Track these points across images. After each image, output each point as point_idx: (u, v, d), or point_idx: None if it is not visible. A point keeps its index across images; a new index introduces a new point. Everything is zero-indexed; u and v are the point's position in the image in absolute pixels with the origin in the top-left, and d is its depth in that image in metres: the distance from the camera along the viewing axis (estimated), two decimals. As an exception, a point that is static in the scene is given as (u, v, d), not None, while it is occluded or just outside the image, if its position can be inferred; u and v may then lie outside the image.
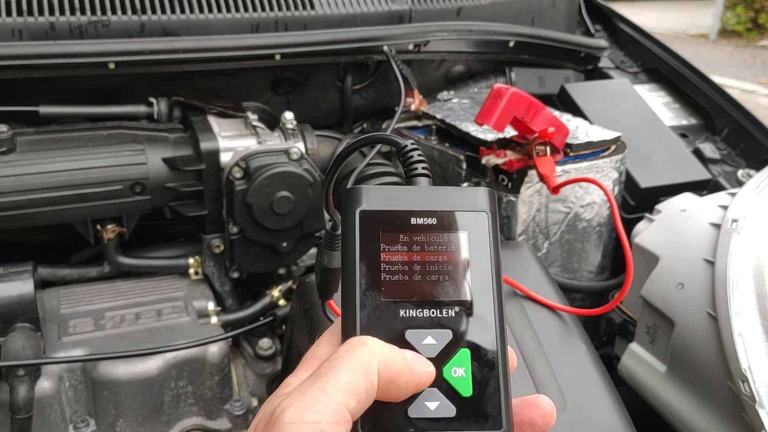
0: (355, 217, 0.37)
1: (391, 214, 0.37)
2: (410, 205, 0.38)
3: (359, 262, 0.36)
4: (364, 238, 0.37)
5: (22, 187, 1.00)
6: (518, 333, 0.81)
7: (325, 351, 0.36)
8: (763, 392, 0.79)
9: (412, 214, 0.37)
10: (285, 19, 1.19)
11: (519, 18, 1.42)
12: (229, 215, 1.10)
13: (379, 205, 0.37)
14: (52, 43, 1.05)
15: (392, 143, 0.41)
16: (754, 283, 0.87)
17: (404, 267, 0.37)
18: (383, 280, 0.36)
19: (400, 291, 0.36)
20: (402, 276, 0.36)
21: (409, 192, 0.38)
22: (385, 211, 0.37)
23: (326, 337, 0.38)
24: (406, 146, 0.41)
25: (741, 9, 8.37)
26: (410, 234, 0.37)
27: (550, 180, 1.00)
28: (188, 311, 1.07)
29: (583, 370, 0.79)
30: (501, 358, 0.36)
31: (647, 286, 1.02)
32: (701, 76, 1.44)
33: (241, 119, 1.17)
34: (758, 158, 1.30)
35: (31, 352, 0.90)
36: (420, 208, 0.38)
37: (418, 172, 0.40)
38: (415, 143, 0.41)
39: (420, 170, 0.40)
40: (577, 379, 0.78)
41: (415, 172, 0.40)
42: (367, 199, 0.37)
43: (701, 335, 0.90)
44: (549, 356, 0.78)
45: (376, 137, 0.43)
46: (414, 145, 0.41)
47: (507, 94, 0.96)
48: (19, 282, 0.93)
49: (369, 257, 0.37)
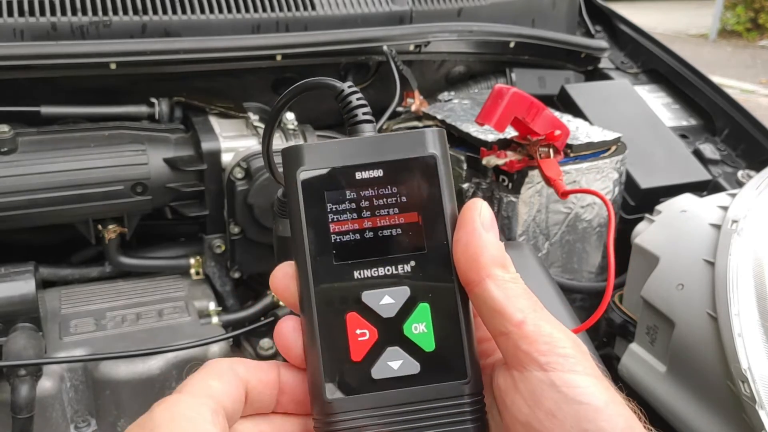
0: (297, 179, 0.35)
1: (334, 171, 0.35)
2: (354, 159, 0.35)
3: (306, 226, 0.35)
4: (309, 201, 0.35)
5: (24, 188, 1.01)
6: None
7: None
8: (763, 392, 0.80)
9: (356, 168, 0.35)
10: (286, 19, 1.19)
11: (519, 19, 1.42)
12: (230, 215, 1.10)
13: (321, 162, 0.35)
14: (54, 43, 1.06)
15: (329, 87, 0.38)
16: (754, 283, 0.87)
17: (354, 226, 0.35)
18: (333, 243, 0.35)
19: (352, 252, 0.35)
20: (353, 235, 0.35)
21: (351, 144, 0.36)
22: (327, 169, 0.35)
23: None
24: (343, 90, 0.38)
25: (741, 9, 8.37)
26: (357, 190, 0.35)
27: (558, 185, 1.00)
28: (189, 311, 1.07)
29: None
30: (461, 306, 0.35)
31: (647, 286, 1.02)
32: (701, 76, 1.44)
33: (242, 120, 1.17)
34: (758, 159, 1.31)
35: (32, 352, 0.90)
36: (364, 161, 0.35)
37: (359, 118, 0.38)
38: (353, 85, 0.38)
39: (361, 116, 0.38)
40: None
41: (356, 119, 0.38)
42: (308, 158, 0.35)
43: (701, 336, 0.90)
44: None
45: (311, 83, 0.39)
46: (352, 88, 0.38)
47: (508, 95, 0.97)
48: (21, 282, 0.94)
49: (316, 220, 0.35)
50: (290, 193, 0.35)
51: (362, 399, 0.34)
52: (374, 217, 0.35)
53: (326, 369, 0.34)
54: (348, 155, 0.36)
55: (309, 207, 0.35)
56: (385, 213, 0.35)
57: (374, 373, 0.34)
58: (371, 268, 0.35)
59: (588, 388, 0.32)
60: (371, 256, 0.35)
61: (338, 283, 0.35)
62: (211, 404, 0.32)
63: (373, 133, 0.37)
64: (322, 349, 0.34)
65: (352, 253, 0.35)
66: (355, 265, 0.35)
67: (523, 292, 0.35)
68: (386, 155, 0.35)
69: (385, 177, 0.35)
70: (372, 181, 0.35)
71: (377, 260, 0.35)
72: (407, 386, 0.34)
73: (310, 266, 0.35)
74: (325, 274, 0.35)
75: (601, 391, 0.32)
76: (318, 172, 0.35)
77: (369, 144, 0.36)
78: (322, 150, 0.36)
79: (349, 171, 0.35)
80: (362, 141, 0.36)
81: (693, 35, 8.51)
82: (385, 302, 0.35)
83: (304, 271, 0.35)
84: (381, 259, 0.35)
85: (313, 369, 0.35)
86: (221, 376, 0.34)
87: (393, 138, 0.36)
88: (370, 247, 0.35)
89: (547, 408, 0.32)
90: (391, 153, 0.36)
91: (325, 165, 0.35)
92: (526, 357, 0.33)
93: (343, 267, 0.35)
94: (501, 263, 0.35)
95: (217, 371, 0.34)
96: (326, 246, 0.35)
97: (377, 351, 0.35)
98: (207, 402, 0.32)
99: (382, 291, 0.35)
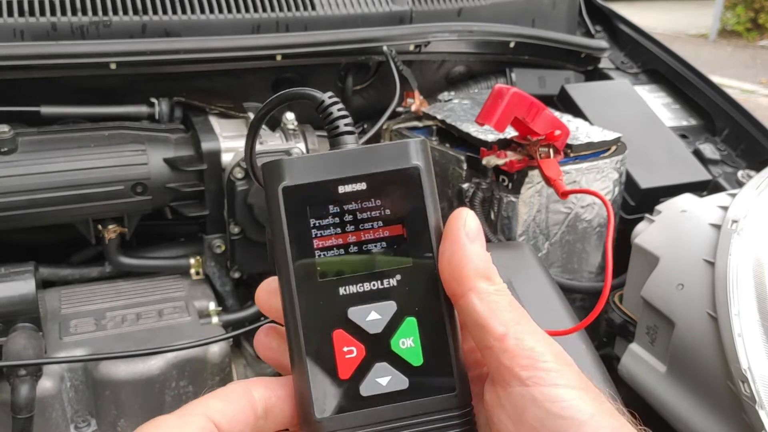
0: (278, 194, 0.34)
1: (316, 185, 0.34)
2: (336, 172, 0.34)
3: (289, 242, 0.34)
4: (291, 217, 0.34)
5: (24, 188, 1.01)
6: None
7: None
8: (763, 393, 0.80)
9: (339, 182, 0.34)
10: (286, 19, 1.19)
11: (519, 19, 1.42)
12: (230, 215, 1.10)
13: (303, 177, 0.34)
14: (54, 43, 1.06)
15: (308, 98, 0.38)
16: (754, 283, 0.87)
17: (338, 241, 0.34)
18: (317, 260, 0.34)
19: (337, 268, 0.34)
20: (336, 251, 0.34)
21: (333, 157, 0.35)
22: (309, 183, 0.34)
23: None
24: (324, 101, 0.37)
25: (741, 9, 8.37)
26: (340, 204, 0.35)
27: (558, 185, 1.00)
28: (189, 311, 1.07)
29: (583, 370, 0.79)
30: (448, 318, 0.35)
31: (647, 286, 1.02)
32: (701, 76, 1.44)
33: (242, 120, 1.17)
34: (758, 159, 1.31)
35: (32, 352, 0.90)
36: (346, 174, 0.35)
37: (340, 130, 0.37)
38: (333, 95, 0.37)
39: (342, 128, 0.37)
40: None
41: (337, 130, 0.37)
42: (289, 173, 0.34)
43: (701, 336, 0.90)
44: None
45: (290, 93, 0.38)
46: (333, 99, 0.37)
47: (508, 95, 0.97)
48: (21, 282, 0.94)
49: (299, 237, 0.34)
50: (272, 209, 0.35)
51: (352, 417, 0.34)
52: (358, 231, 0.35)
53: (314, 388, 0.34)
54: (330, 168, 0.35)
55: (291, 222, 0.34)
56: (369, 227, 0.35)
57: (363, 390, 0.34)
58: (356, 284, 0.34)
59: (571, 402, 0.31)
60: (356, 271, 0.35)
61: (323, 301, 0.34)
62: (200, 422, 0.32)
63: (356, 145, 0.37)
64: (309, 367, 0.34)
65: (337, 268, 0.34)
66: (340, 281, 0.34)
67: (507, 305, 0.34)
68: (369, 168, 0.35)
69: (368, 190, 0.35)
70: (355, 194, 0.35)
71: (362, 275, 0.35)
72: (396, 402, 0.34)
73: (294, 284, 0.34)
74: (310, 291, 0.34)
75: (586, 404, 0.31)
76: (300, 186, 0.34)
77: (351, 156, 0.35)
78: (304, 164, 0.35)
79: (332, 185, 0.35)
80: (344, 154, 0.35)
81: (693, 35, 8.51)
82: (372, 318, 0.34)
83: (288, 288, 0.34)
84: (366, 274, 0.35)
85: (300, 388, 0.34)
86: (226, 396, 0.33)
87: (376, 150, 0.35)
88: (354, 262, 0.35)
89: (531, 425, 0.31)
90: (373, 165, 0.35)
91: (306, 179, 0.35)
92: (508, 372, 0.32)
93: (328, 283, 0.34)
94: (486, 275, 0.34)
95: (225, 391, 0.34)
96: (310, 263, 0.34)
97: (365, 368, 0.34)
98: (196, 420, 0.32)
99: (369, 306, 0.34)
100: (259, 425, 0.34)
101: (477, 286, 0.34)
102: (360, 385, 0.34)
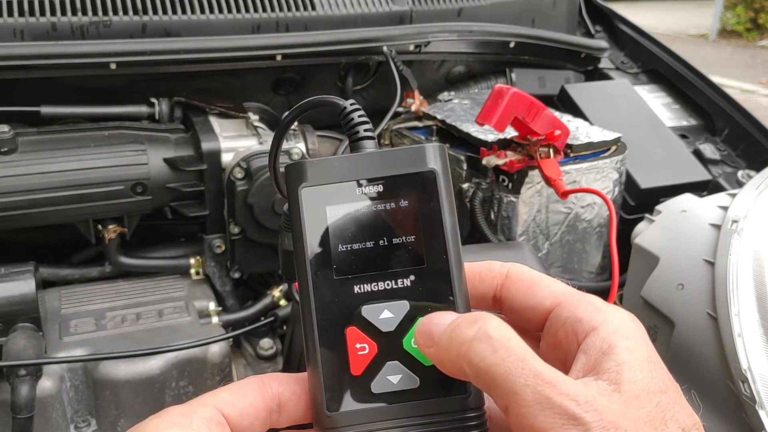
0: (299, 195, 0.36)
1: (335, 187, 0.36)
2: (355, 175, 0.36)
3: (307, 242, 0.35)
4: (310, 216, 0.36)
5: (24, 188, 1.01)
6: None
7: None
8: (763, 392, 0.80)
9: (357, 184, 0.36)
10: (286, 19, 1.19)
11: (519, 19, 1.42)
12: (230, 215, 1.10)
13: (322, 178, 0.36)
14: (54, 43, 1.06)
15: (332, 105, 0.39)
16: (754, 283, 0.87)
17: (354, 241, 0.35)
18: (334, 258, 0.35)
19: (352, 266, 0.35)
20: (353, 251, 0.35)
21: (352, 160, 0.36)
22: (328, 185, 0.36)
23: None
24: (346, 107, 0.38)
25: (741, 9, 8.38)
26: (357, 205, 0.36)
27: (558, 184, 1.00)
28: (189, 311, 1.07)
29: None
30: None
31: (647, 286, 1.02)
32: (701, 76, 1.44)
33: (242, 120, 1.17)
34: (758, 159, 1.31)
35: (32, 352, 0.90)
36: (365, 177, 0.36)
37: (360, 135, 0.38)
38: (355, 102, 0.39)
39: (362, 133, 0.38)
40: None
41: (357, 135, 0.38)
42: (310, 174, 0.36)
43: (701, 336, 0.90)
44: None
45: (315, 101, 0.40)
46: (354, 105, 0.38)
47: (508, 95, 0.97)
48: (21, 282, 0.94)
49: (317, 235, 0.35)
50: (293, 209, 0.36)
51: (362, 413, 0.34)
52: (374, 231, 0.36)
53: (326, 383, 0.34)
54: (349, 171, 0.36)
55: (310, 221, 0.36)
56: (385, 227, 0.36)
57: (374, 387, 0.34)
58: (371, 283, 0.35)
59: None
60: (371, 270, 0.35)
61: (338, 298, 0.35)
62: (208, 413, 0.32)
63: (375, 149, 0.38)
64: (322, 363, 0.35)
65: (353, 267, 0.35)
66: (355, 279, 0.35)
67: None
68: (387, 170, 0.36)
69: (385, 192, 0.36)
70: (373, 196, 0.36)
71: (377, 274, 0.35)
72: (407, 401, 0.34)
73: (311, 280, 0.35)
74: (326, 288, 0.35)
75: None
76: (320, 187, 0.36)
77: (370, 159, 0.36)
78: (325, 166, 0.36)
79: (350, 186, 0.36)
80: (363, 157, 0.37)
81: (693, 35, 8.52)
82: (385, 316, 0.35)
83: (305, 285, 0.35)
84: (381, 274, 0.35)
85: (313, 383, 0.35)
86: (238, 389, 0.34)
87: (394, 153, 0.36)
88: (370, 262, 0.35)
89: None
90: (391, 168, 0.36)
91: (326, 180, 0.36)
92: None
93: (344, 281, 0.35)
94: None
95: (238, 384, 0.34)
96: (326, 260, 0.35)
97: (377, 365, 0.35)
98: (204, 411, 0.32)
99: (382, 305, 0.35)
100: (272, 419, 0.34)
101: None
102: (371, 383, 0.34)
